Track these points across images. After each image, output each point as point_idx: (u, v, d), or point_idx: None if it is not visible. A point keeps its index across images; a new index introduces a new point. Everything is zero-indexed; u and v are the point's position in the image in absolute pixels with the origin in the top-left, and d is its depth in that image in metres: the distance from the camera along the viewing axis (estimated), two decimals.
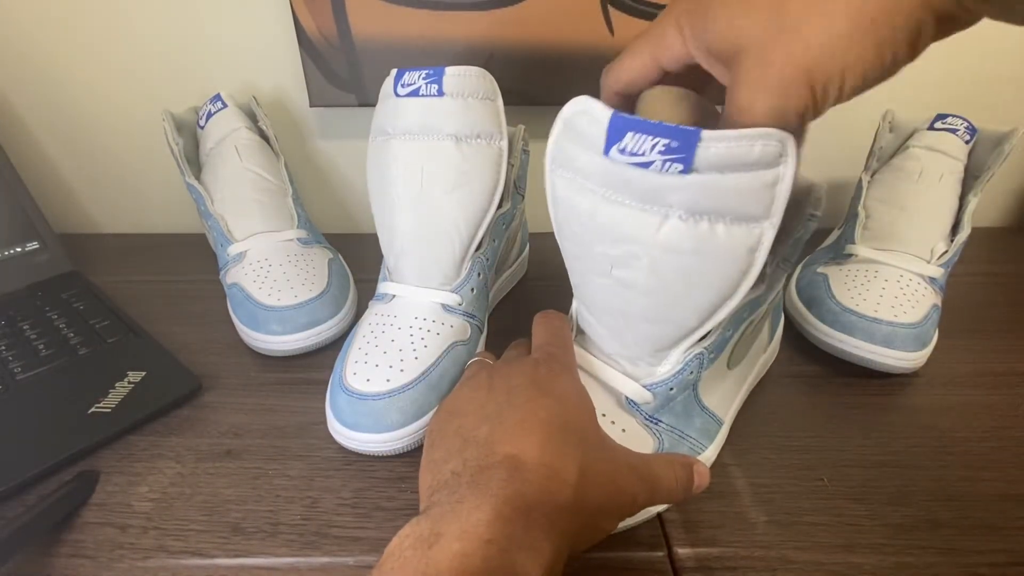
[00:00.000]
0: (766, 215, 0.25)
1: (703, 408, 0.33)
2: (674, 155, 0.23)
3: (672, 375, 0.31)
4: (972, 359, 0.44)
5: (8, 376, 0.39)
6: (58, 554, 0.29)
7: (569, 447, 0.24)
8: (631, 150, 0.24)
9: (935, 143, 0.48)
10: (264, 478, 0.34)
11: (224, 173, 0.49)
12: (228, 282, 0.46)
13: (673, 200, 0.24)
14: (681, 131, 0.23)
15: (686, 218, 0.25)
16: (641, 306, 0.29)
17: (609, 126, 0.24)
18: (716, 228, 0.25)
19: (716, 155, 0.23)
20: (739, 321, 0.32)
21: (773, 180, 0.24)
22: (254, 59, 0.55)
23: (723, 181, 0.24)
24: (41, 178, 0.61)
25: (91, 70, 0.55)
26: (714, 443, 0.34)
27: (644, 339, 0.31)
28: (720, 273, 0.26)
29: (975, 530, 0.31)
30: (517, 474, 0.23)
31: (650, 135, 0.23)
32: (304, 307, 0.42)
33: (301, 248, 0.47)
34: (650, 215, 0.25)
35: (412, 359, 0.36)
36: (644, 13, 0.50)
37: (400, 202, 0.38)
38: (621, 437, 0.31)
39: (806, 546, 0.30)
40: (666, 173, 0.24)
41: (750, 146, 0.23)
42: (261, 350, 0.43)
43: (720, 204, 0.24)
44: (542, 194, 0.30)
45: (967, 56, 0.56)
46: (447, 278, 0.40)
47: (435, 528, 0.21)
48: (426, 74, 0.36)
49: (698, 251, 0.25)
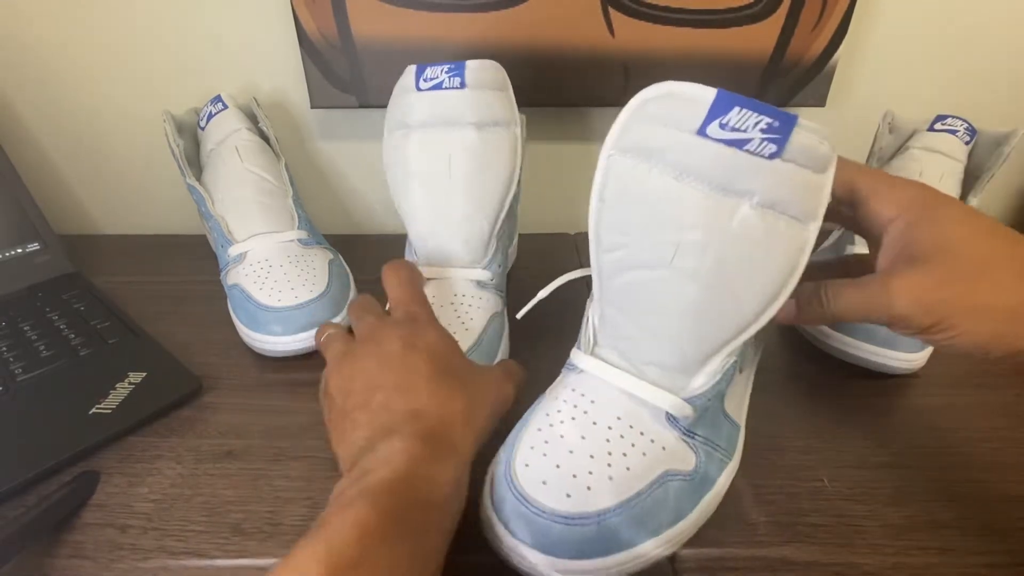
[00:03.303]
0: (813, 216, 0.26)
1: (726, 416, 0.32)
2: (772, 135, 0.24)
3: (712, 385, 0.30)
4: (972, 360, 0.44)
5: (9, 377, 0.39)
6: (58, 555, 0.30)
7: (450, 387, 0.30)
8: (734, 125, 0.25)
9: (935, 144, 0.48)
10: (264, 479, 0.34)
11: (225, 174, 0.49)
12: (228, 283, 0.46)
13: (755, 186, 0.25)
14: (782, 113, 0.24)
15: (757, 208, 0.25)
16: (699, 301, 0.27)
17: (716, 100, 0.25)
18: (779, 221, 0.26)
19: (802, 142, 0.25)
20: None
21: (821, 185, 0.26)
22: (255, 60, 0.56)
23: (798, 174, 0.25)
24: (42, 179, 0.61)
25: (92, 71, 0.56)
26: (737, 450, 0.33)
27: (697, 340, 0.29)
28: (776, 267, 0.27)
29: (975, 530, 0.31)
30: (418, 419, 0.28)
31: (755, 112, 0.24)
32: (304, 308, 0.42)
33: (301, 249, 0.47)
34: (726, 201, 0.25)
35: (464, 331, 0.39)
36: (644, 14, 0.50)
37: (430, 189, 0.41)
38: (661, 456, 0.29)
39: (806, 546, 0.30)
40: (757, 154, 0.25)
41: (820, 143, 0.25)
42: (262, 351, 0.43)
43: (788, 196, 0.25)
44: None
45: (967, 56, 0.56)
46: (478, 256, 0.43)
47: (362, 468, 0.25)
48: (448, 68, 0.39)
49: (763, 244, 0.26)
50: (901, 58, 0.56)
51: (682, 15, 0.50)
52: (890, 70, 0.57)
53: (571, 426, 0.29)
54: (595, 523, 0.26)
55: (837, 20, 0.51)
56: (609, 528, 0.26)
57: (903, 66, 0.57)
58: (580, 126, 0.60)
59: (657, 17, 0.50)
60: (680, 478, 0.29)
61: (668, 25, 0.51)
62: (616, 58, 0.52)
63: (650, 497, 0.27)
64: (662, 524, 0.28)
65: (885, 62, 0.56)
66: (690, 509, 0.29)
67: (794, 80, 0.54)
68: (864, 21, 0.53)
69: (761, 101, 0.24)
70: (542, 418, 0.30)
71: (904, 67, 0.57)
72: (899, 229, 0.27)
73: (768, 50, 0.52)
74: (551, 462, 0.28)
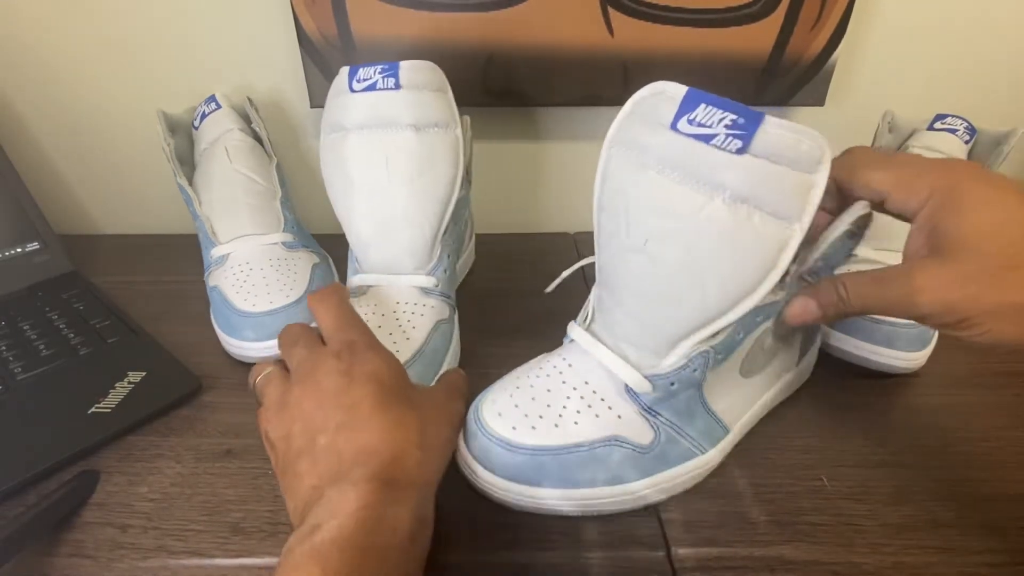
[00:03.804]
0: (797, 217, 0.26)
1: (708, 411, 0.33)
2: (737, 131, 0.25)
3: (675, 369, 0.31)
4: (972, 359, 0.44)
5: (9, 376, 0.39)
6: (58, 554, 0.30)
7: (399, 415, 0.27)
8: (700, 120, 0.26)
9: (935, 143, 0.48)
10: (264, 478, 0.34)
11: (213, 174, 0.49)
12: (210, 285, 0.45)
13: (725, 179, 0.26)
14: (749, 111, 0.25)
15: (730, 203, 0.26)
16: (667, 285, 0.29)
17: (685, 98, 0.27)
18: (753, 217, 0.26)
19: (772, 139, 0.25)
20: (752, 325, 0.31)
21: (809, 185, 0.26)
22: (255, 60, 0.55)
23: (770, 170, 0.26)
24: (41, 179, 0.61)
25: (92, 70, 0.55)
26: (717, 448, 0.34)
27: (663, 322, 0.30)
28: (748, 263, 0.27)
29: (975, 530, 0.31)
30: (368, 459, 0.25)
31: (720, 109, 0.26)
32: (278, 314, 0.42)
33: (285, 252, 0.47)
34: (698, 193, 0.27)
35: (404, 340, 0.38)
36: (643, 14, 0.50)
37: (368, 193, 0.39)
38: (617, 423, 0.31)
39: (806, 546, 0.30)
40: (724, 149, 0.26)
41: (797, 141, 0.25)
42: (237, 356, 0.43)
43: (762, 193, 0.26)
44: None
45: (967, 56, 0.56)
46: (421, 262, 0.41)
47: (311, 523, 0.23)
48: (381, 68, 0.38)
49: (733, 236, 0.27)
50: (901, 58, 0.56)
51: (681, 14, 0.50)
52: (890, 70, 0.57)
53: (543, 381, 0.33)
54: (528, 455, 0.30)
55: (836, 19, 0.51)
56: (538, 463, 0.30)
57: (903, 66, 0.57)
58: (580, 126, 0.60)
59: (656, 16, 0.51)
60: (630, 447, 0.31)
61: (667, 24, 0.51)
62: (615, 57, 0.52)
63: (589, 453, 0.30)
64: (595, 480, 0.31)
65: (885, 62, 0.56)
66: (633, 479, 0.31)
67: (793, 79, 0.54)
68: (863, 20, 0.53)
69: (733, 100, 0.26)
70: (524, 371, 0.34)
71: (904, 67, 0.57)
72: (925, 216, 0.26)
73: (767, 49, 0.52)
74: (512, 402, 0.32)
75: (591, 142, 0.61)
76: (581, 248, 0.59)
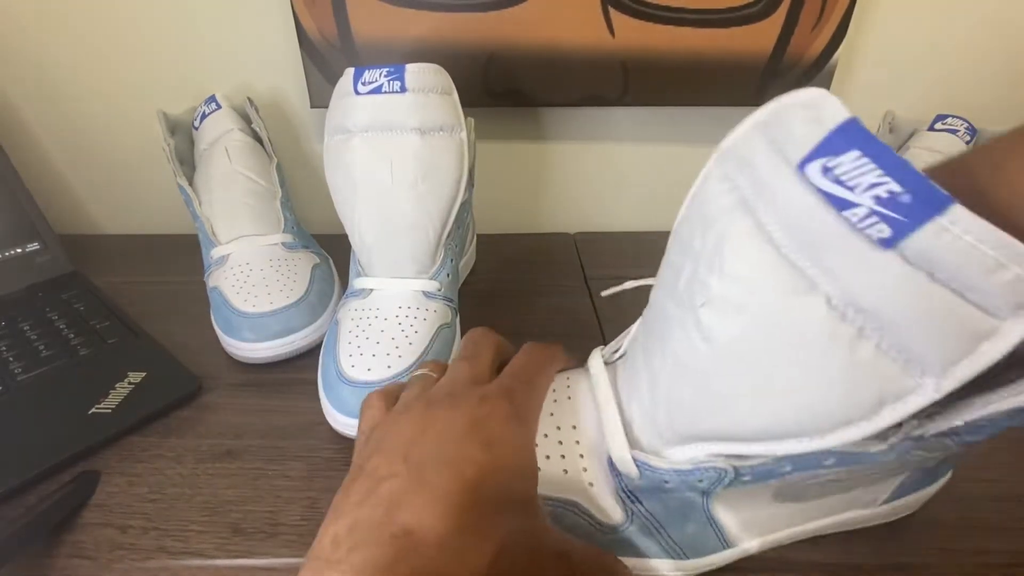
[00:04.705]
0: (940, 371, 0.17)
1: (711, 520, 0.26)
2: (891, 211, 0.16)
3: (675, 471, 0.24)
4: None
5: (9, 377, 0.39)
6: (58, 555, 0.30)
7: (490, 521, 0.20)
8: (841, 174, 0.17)
9: (935, 144, 0.48)
10: (264, 478, 0.34)
11: (213, 175, 0.49)
12: (210, 285, 0.45)
13: (842, 273, 0.17)
14: (926, 184, 0.15)
15: (835, 308, 0.17)
16: (703, 365, 0.21)
17: (834, 132, 0.17)
18: (860, 345, 0.17)
19: (947, 245, 0.15)
20: (811, 464, 0.22)
21: (986, 332, 0.16)
22: (255, 60, 0.55)
23: (925, 289, 0.16)
24: (42, 179, 0.61)
25: (93, 71, 0.55)
26: (693, 561, 0.27)
27: (677, 406, 0.23)
28: (827, 398, 0.19)
29: (975, 530, 0.31)
30: (411, 554, 0.19)
31: (879, 167, 0.16)
32: (278, 314, 0.42)
33: (285, 253, 0.47)
34: (794, 274, 0.18)
35: (407, 344, 0.37)
36: (644, 14, 0.50)
37: (371, 196, 0.39)
38: (585, 491, 0.26)
39: (806, 546, 0.30)
40: (861, 230, 0.16)
41: (998, 263, 0.15)
42: (236, 357, 0.43)
43: (895, 316, 0.17)
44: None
45: (967, 56, 0.56)
46: (424, 266, 0.41)
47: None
48: (387, 71, 0.37)
49: (819, 353, 0.18)
50: (901, 58, 0.56)
51: (682, 15, 0.50)
52: (890, 70, 0.57)
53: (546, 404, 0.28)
54: None
55: (837, 20, 0.51)
56: None
57: (903, 66, 0.57)
58: (580, 126, 0.60)
59: (657, 17, 0.51)
60: (588, 521, 0.25)
61: (668, 24, 0.51)
62: (616, 58, 0.52)
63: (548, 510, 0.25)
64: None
65: (885, 62, 0.56)
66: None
67: (794, 80, 0.54)
68: (864, 21, 0.53)
69: (881, 147, 0.16)
70: None
71: (905, 67, 0.57)
72: None
73: (768, 50, 0.52)
74: None
75: (591, 142, 0.61)
76: (581, 248, 0.59)
